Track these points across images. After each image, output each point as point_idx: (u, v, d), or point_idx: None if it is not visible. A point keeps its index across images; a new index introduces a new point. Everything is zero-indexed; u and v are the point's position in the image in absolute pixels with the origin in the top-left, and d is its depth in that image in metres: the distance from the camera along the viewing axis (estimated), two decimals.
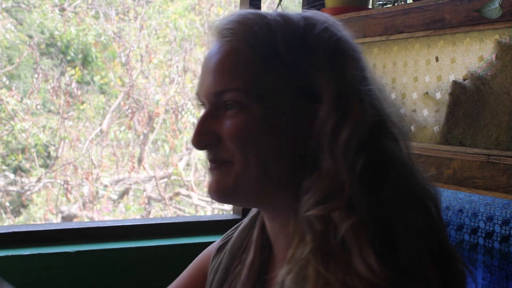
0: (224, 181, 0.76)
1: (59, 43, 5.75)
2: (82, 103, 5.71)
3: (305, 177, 0.73)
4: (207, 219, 2.19)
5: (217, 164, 0.76)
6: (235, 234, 0.93)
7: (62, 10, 5.75)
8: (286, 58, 0.74)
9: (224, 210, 5.82)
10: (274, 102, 0.74)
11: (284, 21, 0.76)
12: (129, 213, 5.73)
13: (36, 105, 5.56)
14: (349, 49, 0.77)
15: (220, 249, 0.94)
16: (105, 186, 5.69)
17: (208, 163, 0.78)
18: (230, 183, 0.75)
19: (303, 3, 1.99)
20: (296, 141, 0.74)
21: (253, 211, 0.92)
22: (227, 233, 0.97)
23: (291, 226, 0.75)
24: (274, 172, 0.75)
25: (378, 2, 1.81)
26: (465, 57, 1.39)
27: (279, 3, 1.93)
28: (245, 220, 0.93)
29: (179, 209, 5.87)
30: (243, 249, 0.89)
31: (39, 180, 5.54)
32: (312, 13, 0.79)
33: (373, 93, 0.75)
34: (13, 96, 5.43)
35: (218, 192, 0.77)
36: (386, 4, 1.79)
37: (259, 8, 2.21)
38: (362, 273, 0.64)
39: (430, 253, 0.70)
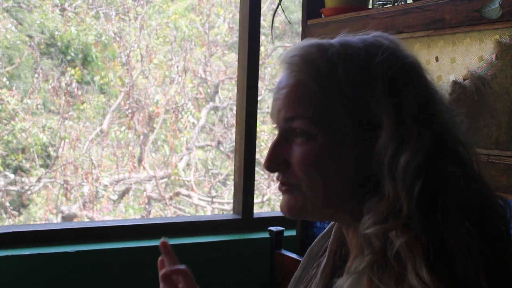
0: (294, 203, 0.84)
1: (59, 43, 5.75)
2: (82, 103, 5.71)
3: (367, 198, 0.79)
4: (207, 219, 2.19)
5: (286, 187, 0.84)
6: (315, 240, 1.01)
7: (63, 10, 5.75)
8: (347, 90, 0.79)
9: (224, 210, 5.82)
10: (338, 131, 0.80)
11: (345, 52, 0.81)
12: (129, 213, 5.73)
13: (37, 105, 5.56)
14: (408, 76, 0.80)
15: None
16: (105, 186, 5.69)
17: (279, 184, 0.86)
18: (299, 204, 0.83)
19: (303, 3, 1.99)
20: (359, 166, 0.80)
21: None
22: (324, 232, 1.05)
23: (354, 238, 0.83)
24: (338, 194, 0.82)
25: (378, 2, 1.81)
26: (465, 57, 1.39)
27: (279, 3, 1.93)
28: (327, 228, 1.01)
29: (179, 209, 5.87)
30: (321, 254, 0.97)
31: (39, 180, 5.54)
32: (374, 38, 0.83)
33: (436, 118, 0.79)
34: (13, 96, 5.43)
35: (289, 212, 0.85)
36: (386, 4, 1.79)
37: (259, 7, 2.21)
38: (415, 286, 0.69)
39: (487, 268, 0.72)
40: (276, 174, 0.86)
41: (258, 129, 2.29)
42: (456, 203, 0.75)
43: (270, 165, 0.84)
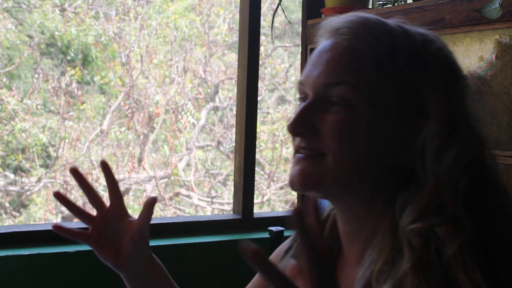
0: (312, 172, 0.75)
1: (59, 43, 5.75)
2: (82, 103, 5.71)
3: (400, 188, 0.74)
4: (207, 219, 2.19)
5: (307, 155, 0.76)
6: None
7: (63, 10, 5.75)
8: (402, 67, 0.74)
9: (224, 210, 5.82)
10: (382, 106, 0.74)
11: (404, 32, 0.77)
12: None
13: (37, 105, 5.56)
14: (460, 71, 0.79)
15: (288, 251, 0.94)
16: (105, 186, 5.68)
17: (298, 151, 0.77)
18: (318, 175, 0.75)
19: (303, 3, 1.99)
20: (395, 150, 0.75)
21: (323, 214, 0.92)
22: (294, 235, 0.95)
23: (368, 229, 0.76)
24: (365, 175, 0.76)
25: (378, 2, 1.81)
26: (465, 57, 1.39)
27: (279, 3, 1.93)
28: None
29: (179, 209, 5.87)
30: None
31: (39, 180, 5.54)
32: (425, 29, 0.80)
33: (475, 115, 0.76)
34: (13, 96, 5.43)
35: (303, 182, 0.76)
36: (386, 4, 1.79)
37: (259, 7, 2.21)
38: None
39: None
40: (296, 140, 0.77)
41: (258, 129, 2.30)
42: (500, 202, 0.73)
43: (296, 126, 0.75)
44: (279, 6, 1.93)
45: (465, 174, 0.71)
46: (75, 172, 0.94)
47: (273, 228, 1.85)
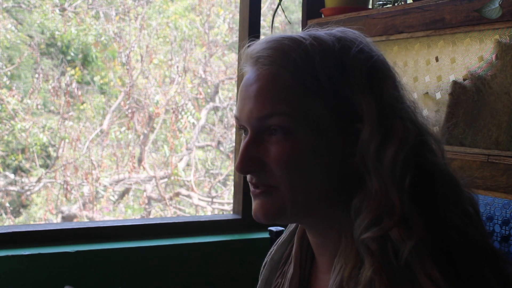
0: (271, 206, 0.78)
1: (59, 43, 5.75)
2: (82, 103, 5.71)
3: (352, 195, 0.75)
4: (207, 219, 2.19)
5: (262, 190, 0.79)
6: (275, 247, 0.95)
7: (63, 10, 5.75)
8: (325, 83, 0.76)
9: (224, 210, 5.82)
10: (318, 125, 0.76)
11: (319, 45, 0.78)
12: (129, 213, 5.73)
13: (37, 105, 5.56)
14: (385, 68, 0.80)
15: (264, 266, 0.97)
16: (105, 186, 5.69)
17: (251, 187, 0.80)
18: (277, 207, 0.78)
19: (303, 3, 1.99)
20: (340, 161, 0.76)
21: (291, 225, 0.94)
22: (270, 250, 0.99)
23: (335, 239, 0.78)
24: (319, 192, 0.78)
25: (378, 2, 1.81)
26: (465, 57, 1.39)
27: (279, 3, 1.93)
28: (284, 234, 0.95)
29: (179, 209, 5.87)
30: (283, 261, 0.93)
31: (39, 180, 5.54)
32: (342, 32, 0.80)
33: (410, 109, 0.78)
34: (13, 96, 5.43)
35: (266, 216, 0.79)
36: (386, 4, 1.79)
37: (259, 7, 2.21)
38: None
39: (486, 260, 0.71)
40: (248, 176, 0.80)
41: None
42: (446, 195, 0.73)
43: (244, 166, 0.78)
44: (279, 6, 1.93)
45: (407, 171, 0.71)
46: None
47: (273, 228, 1.85)
